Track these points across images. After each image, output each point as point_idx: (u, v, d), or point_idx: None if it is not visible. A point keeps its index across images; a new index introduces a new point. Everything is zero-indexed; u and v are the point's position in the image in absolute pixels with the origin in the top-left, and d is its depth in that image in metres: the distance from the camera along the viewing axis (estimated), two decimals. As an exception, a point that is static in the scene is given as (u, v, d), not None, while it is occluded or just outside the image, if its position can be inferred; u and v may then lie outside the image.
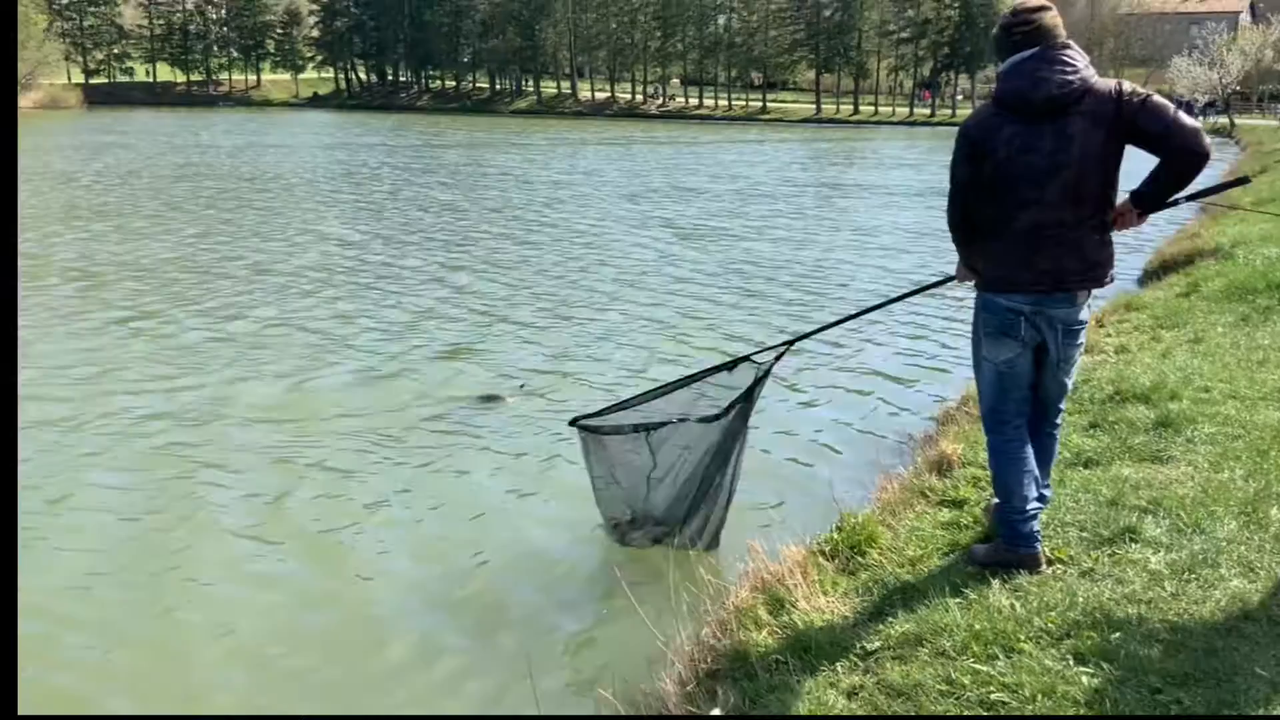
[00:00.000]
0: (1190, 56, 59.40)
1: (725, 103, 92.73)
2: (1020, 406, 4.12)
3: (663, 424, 5.32)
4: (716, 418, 5.24)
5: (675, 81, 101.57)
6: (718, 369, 5.39)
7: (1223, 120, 55.72)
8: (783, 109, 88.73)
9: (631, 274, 14.77)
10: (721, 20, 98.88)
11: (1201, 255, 12.93)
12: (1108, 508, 4.63)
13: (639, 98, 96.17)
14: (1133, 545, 4.21)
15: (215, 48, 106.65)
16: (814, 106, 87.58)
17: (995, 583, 4.00)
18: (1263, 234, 13.27)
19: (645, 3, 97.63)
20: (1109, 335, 8.70)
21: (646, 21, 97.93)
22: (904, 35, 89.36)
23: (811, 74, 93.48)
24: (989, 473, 4.62)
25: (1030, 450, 4.14)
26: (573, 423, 5.64)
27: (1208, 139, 3.69)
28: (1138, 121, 3.65)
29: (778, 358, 5.32)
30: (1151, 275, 12.99)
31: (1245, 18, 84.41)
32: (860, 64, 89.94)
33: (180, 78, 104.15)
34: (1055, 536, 4.39)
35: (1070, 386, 4.24)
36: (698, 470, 5.36)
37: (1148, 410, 6.02)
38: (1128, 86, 3.72)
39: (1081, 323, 4.00)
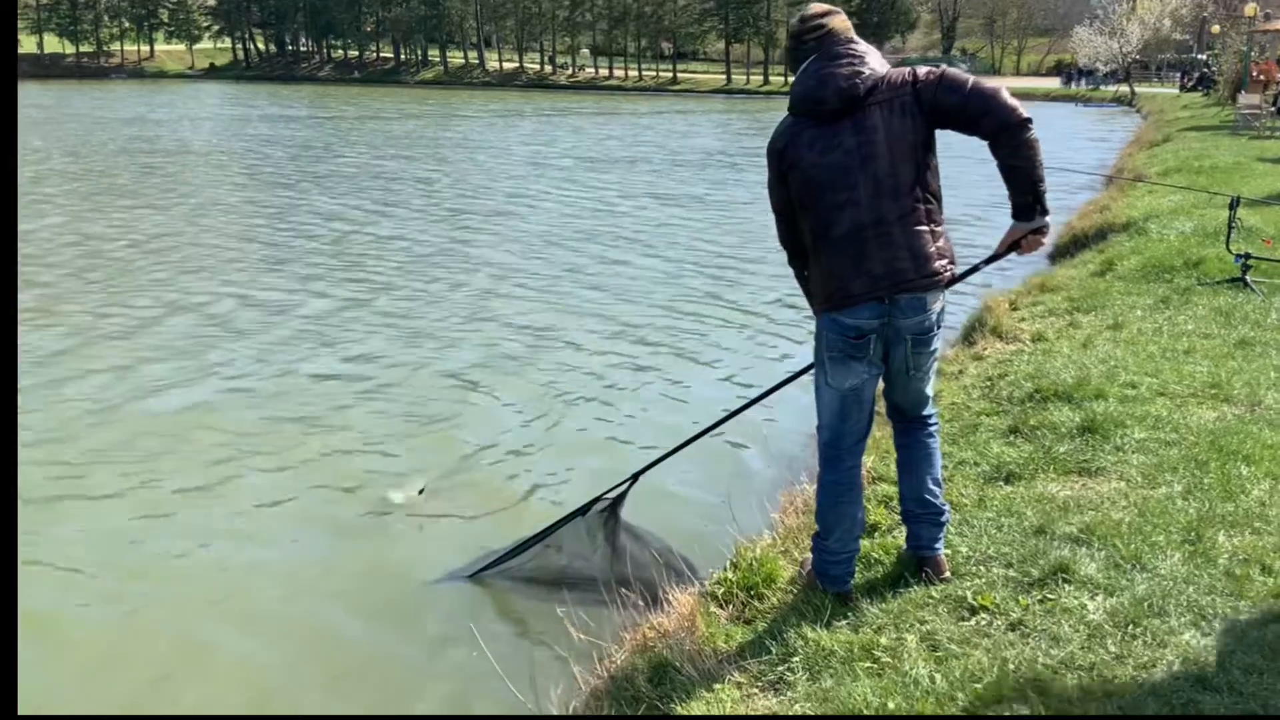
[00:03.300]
0: (1091, 26, 60.03)
1: (635, 73, 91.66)
2: (860, 439, 3.73)
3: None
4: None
5: (585, 51, 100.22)
6: (571, 516, 4.82)
7: (1124, 89, 56.46)
8: (693, 79, 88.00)
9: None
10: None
11: (1113, 229, 12.60)
12: (1035, 537, 4.07)
13: (548, 68, 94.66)
14: (1066, 587, 3.64)
15: (106, 17, 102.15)
16: (724, 77, 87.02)
17: (911, 640, 3.42)
18: (1173, 206, 13.00)
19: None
20: (1024, 320, 8.22)
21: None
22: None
23: (721, 44, 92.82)
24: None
25: (859, 494, 3.78)
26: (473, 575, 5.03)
27: (1010, 97, 3.37)
28: (938, 98, 3.40)
29: (625, 492, 4.77)
30: (1063, 251, 12.62)
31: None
32: (770, 34, 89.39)
33: (69, 49, 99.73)
34: (979, 576, 3.82)
35: (931, 394, 3.80)
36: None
37: (1071, 411, 5.50)
38: (922, 70, 3.50)
39: (931, 329, 3.56)
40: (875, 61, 3.48)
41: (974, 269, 3.94)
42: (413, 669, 4.39)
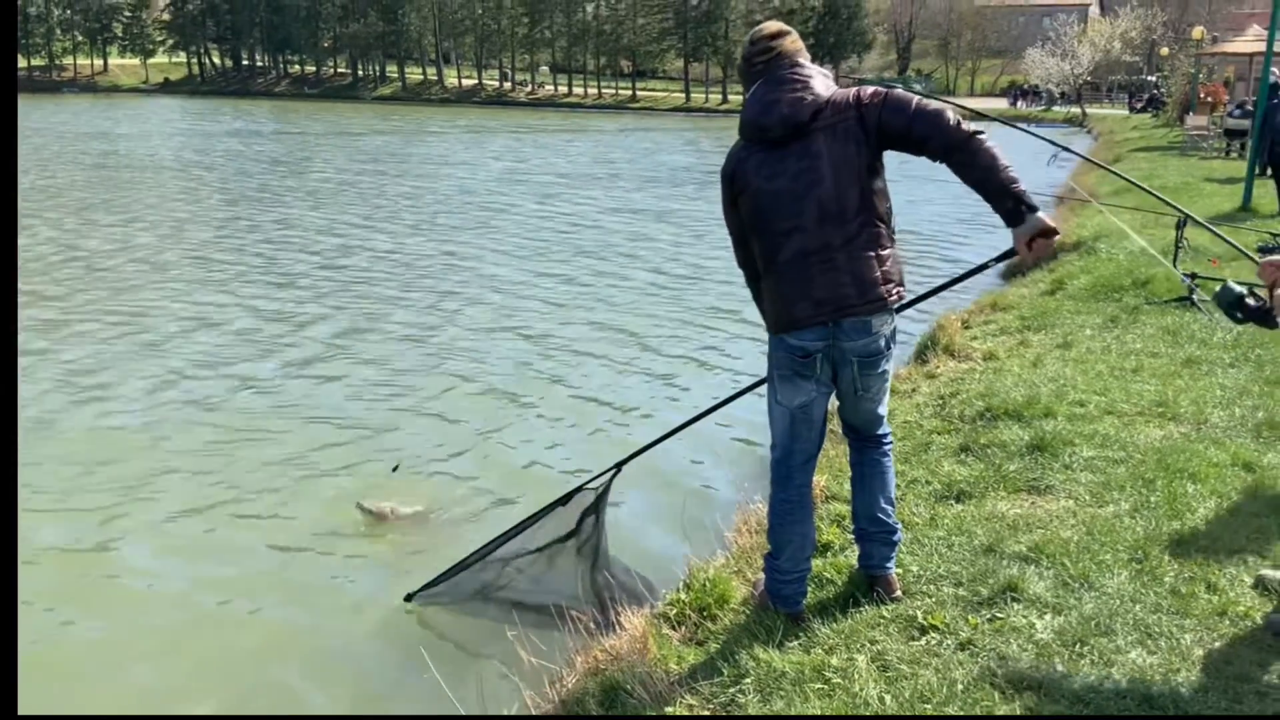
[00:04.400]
0: (1043, 48, 60.91)
1: (595, 90, 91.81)
2: (810, 457, 3.74)
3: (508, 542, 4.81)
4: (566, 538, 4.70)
5: (544, 69, 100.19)
6: (553, 505, 4.76)
7: (1075, 110, 57.23)
8: (653, 97, 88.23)
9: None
10: (590, 8, 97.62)
11: (1063, 248, 12.75)
12: (985, 556, 4.10)
13: (507, 85, 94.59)
14: (1015, 606, 3.67)
15: (58, 31, 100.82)
16: (683, 95, 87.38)
17: (862, 661, 3.42)
18: (1121, 226, 13.17)
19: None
20: (976, 339, 8.31)
21: (513, 7, 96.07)
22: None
23: (680, 63, 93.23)
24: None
25: (810, 512, 3.78)
26: (409, 597, 4.94)
27: (954, 115, 3.37)
28: (883, 119, 3.39)
29: (610, 481, 4.72)
30: (1014, 271, 12.75)
31: (1094, 10, 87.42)
32: (728, 53, 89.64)
33: (20, 62, 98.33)
34: (930, 595, 3.84)
35: (884, 413, 3.78)
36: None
37: (1021, 430, 5.56)
38: (868, 91, 3.48)
39: (879, 352, 3.55)
40: (821, 85, 3.47)
41: (982, 267, 3.93)
42: (360, 694, 4.34)
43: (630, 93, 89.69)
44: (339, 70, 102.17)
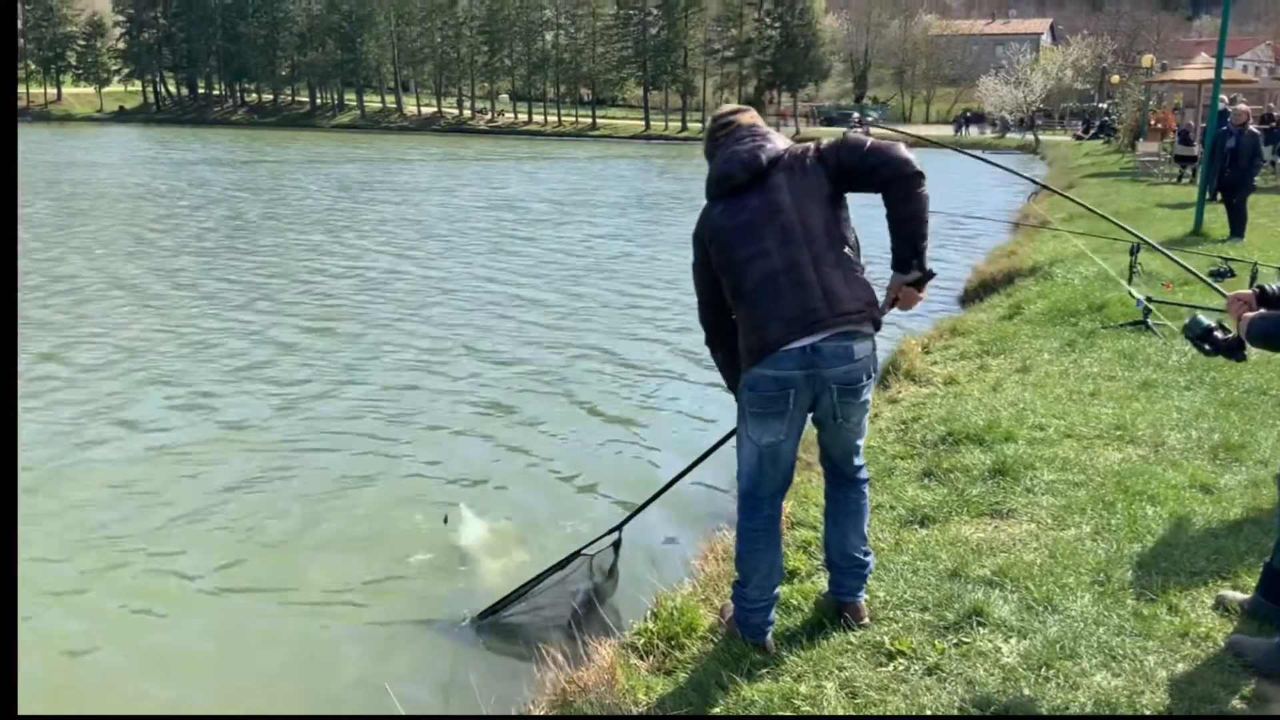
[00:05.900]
0: (997, 76, 61.89)
1: (555, 118, 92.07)
2: (778, 492, 3.76)
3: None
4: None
5: (504, 97, 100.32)
6: (550, 571, 4.88)
7: (1029, 137, 58.09)
8: (612, 125, 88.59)
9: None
10: (549, 36, 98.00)
11: (1020, 274, 12.93)
12: (950, 581, 4.12)
13: (467, 113, 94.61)
14: (981, 630, 3.69)
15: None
16: (643, 123, 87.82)
17: (830, 688, 3.42)
18: (1077, 251, 13.37)
19: (471, 17, 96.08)
20: (936, 364, 8.38)
21: (472, 36, 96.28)
22: (728, 54, 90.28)
23: (640, 91, 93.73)
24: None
25: (777, 541, 3.79)
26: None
27: (905, 150, 3.52)
28: (840, 158, 3.58)
29: (616, 546, 4.92)
30: (972, 295, 12.92)
31: (1046, 39, 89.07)
32: (687, 81, 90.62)
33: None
34: (896, 621, 3.85)
35: (861, 445, 3.79)
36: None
37: (983, 454, 5.61)
38: (825, 141, 3.63)
39: (859, 380, 3.56)
40: (778, 140, 3.68)
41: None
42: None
43: (590, 120, 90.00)
44: (297, 99, 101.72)
